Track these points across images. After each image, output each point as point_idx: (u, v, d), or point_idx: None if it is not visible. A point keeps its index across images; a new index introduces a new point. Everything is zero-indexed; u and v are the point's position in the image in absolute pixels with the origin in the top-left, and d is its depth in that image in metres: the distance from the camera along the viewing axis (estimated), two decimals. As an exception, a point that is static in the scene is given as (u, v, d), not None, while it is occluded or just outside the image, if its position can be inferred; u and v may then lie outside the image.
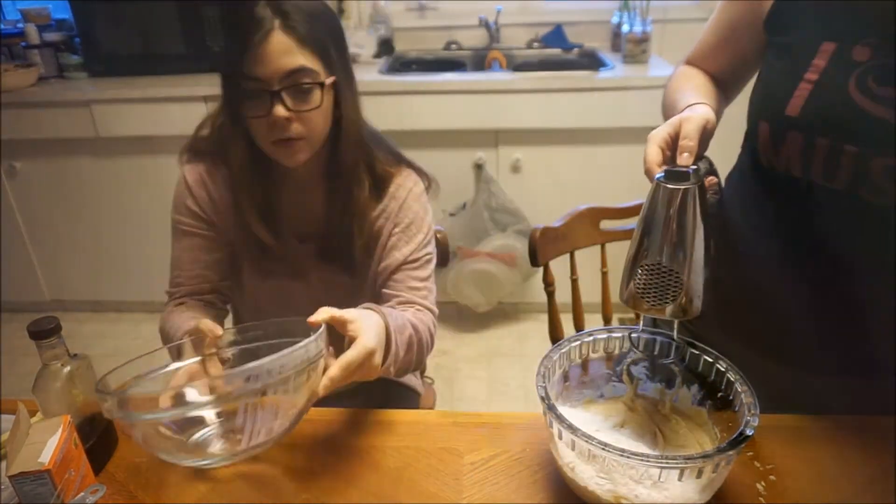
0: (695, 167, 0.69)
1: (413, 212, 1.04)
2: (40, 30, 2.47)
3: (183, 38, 2.32)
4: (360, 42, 2.48)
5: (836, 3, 0.73)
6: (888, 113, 0.69)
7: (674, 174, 0.67)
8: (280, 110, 0.89)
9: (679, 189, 0.66)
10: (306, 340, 0.68)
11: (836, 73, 0.72)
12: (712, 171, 0.75)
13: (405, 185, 1.04)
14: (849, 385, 0.82)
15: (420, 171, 1.09)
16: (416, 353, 0.94)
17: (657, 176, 0.68)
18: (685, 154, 0.69)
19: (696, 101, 0.78)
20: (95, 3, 2.32)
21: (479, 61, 2.58)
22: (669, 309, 0.69)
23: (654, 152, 0.71)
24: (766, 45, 0.83)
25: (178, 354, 0.85)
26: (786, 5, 0.78)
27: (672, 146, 0.72)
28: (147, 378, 0.79)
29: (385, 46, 2.57)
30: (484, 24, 2.57)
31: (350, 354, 0.74)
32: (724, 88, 0.91)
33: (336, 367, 0.72)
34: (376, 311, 0.85)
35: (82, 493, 0.70)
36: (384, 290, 1.02)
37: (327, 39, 0.93)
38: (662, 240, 0.67)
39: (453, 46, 2.65)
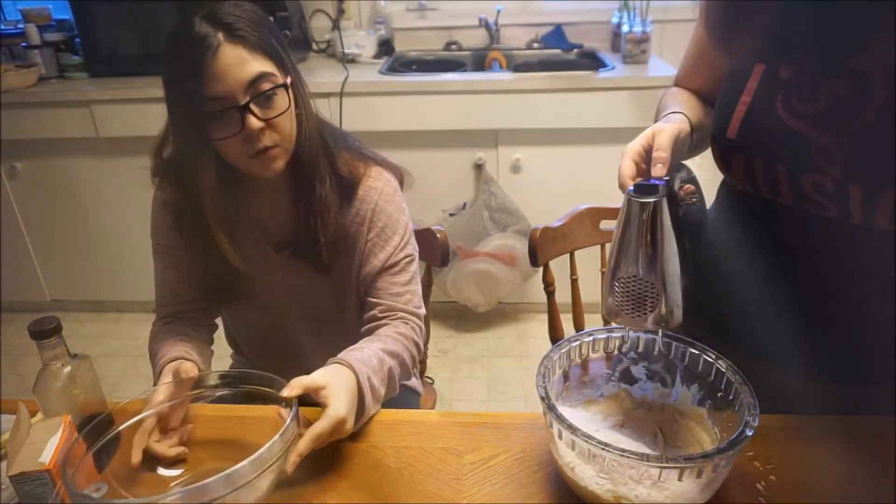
0: (666, 178, 0.70)
1: (386, 214, 1.01)
2: (41, 30, 2.47)
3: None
4: (360, 42, 2.48)
5: (765, 26, 0.73)
6: (808, 130, 0.70)
7: (644, 187, 0.68)
8: (253, 122, 0.86)
9: (648, 202, 0.67)
10: (278, 434, 0.67)
11: (766, 94, 0.73)
12: (690, 178, 0.76)
13: (375, 187, 1.01)
14: (827, 388, 0.82)
15: (390, 167, 1.06)
16: (400, 377, 0.95)
17: (628, 189, 0.69)
18: (658, 165, 0.70)
19: (672, 111, 0.80)
20: (96, 4, 2.32)
21: (479, 61, 2.58)
22: (650, 319, 0.70)
23: (627, 166, 0.71)
24: None
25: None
26: (727, 29, 0.80)
27: (646, 158, 0.72)
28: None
29: (385, 47, 2.57)
30: (484, 24, 2.57)
31: (320, 425, 0.74)
32: (712, 103, 0.91)
33: (306, 440, 0.72)
34: (346, 365, 0.84)
35: (85, 491, 0.70)
36: (367, 299, 1.01)
37: (272, 40, 0.90)
38: (636, 252, 0.68)
39: (453, 47, 2.65)
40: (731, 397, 0.72)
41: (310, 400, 0.90)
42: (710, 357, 0.76)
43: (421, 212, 2.28)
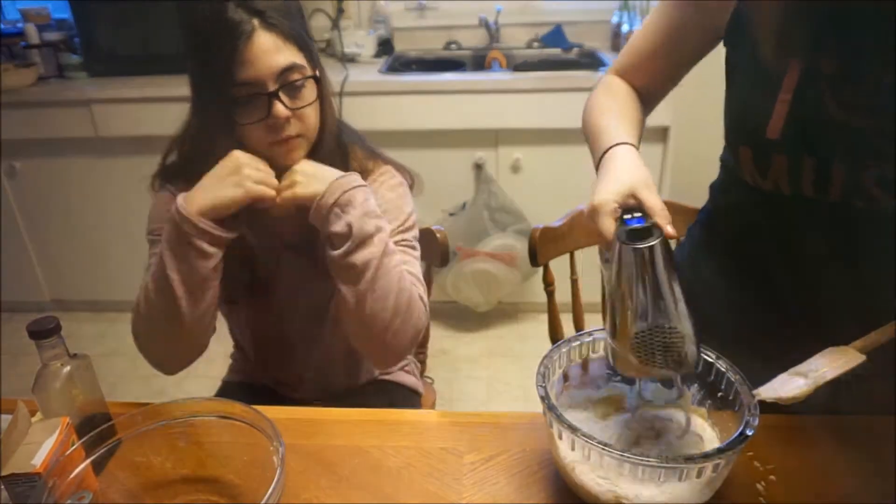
0: (638, 214, 0.68)
1: (387, 200, 0.99)
2: (40, 29, 2.47)
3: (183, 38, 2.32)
4: (360, 42, 2.48)
5: (798, 16, 0.69)
6: (866, 121, 0.68)
7: (636, 232, 0.65)
8: (280, 110, 0.87)
9: (652, 244, 0.63)
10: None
11: (810, 89, 0.70)
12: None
13: (379, 179, 1.01)
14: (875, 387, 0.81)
15: (400, 168, 1.06)
16: (404, 303, 0.90)
17: (622, 240, 0.65)
18: (668, 227, 0.66)
19: (622, 141, 0.76)
20: (95, 3, 2.32)
21: (479, 61, 2.57)
22: (683, 364, 0.67)
23: (609, 225, 0.68)
24: (709, 49, 0.83)
25: None
26: (746, 16, 0.75)
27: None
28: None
29: (385, 46, 2.57)
30: (484, 24, 2.57)
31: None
32: (648, 102, 0.90)
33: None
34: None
35: (69, 500, 0.69)
36: None
37: (304, 32, 0.91)
38: (654, 301, 0.64)
39: (453, 46, 2.65)
40: (731, 397, 0.72)
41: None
42: (711, 357, 0.75)
43: (421, 212, 2.27)
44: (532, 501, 0.74)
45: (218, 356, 1.08)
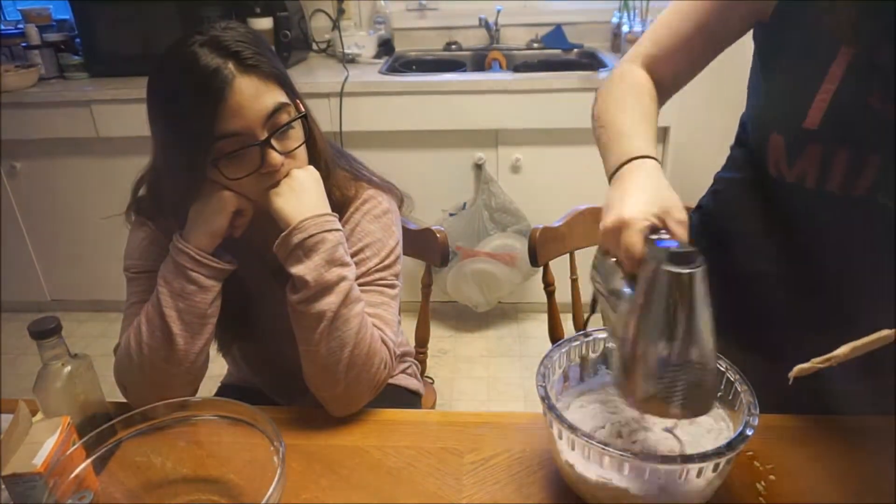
0: (682, 243, 0.61)
1: (369, 233, 0.94)
2: (41, 30, 2.47)
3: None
4: (361, 42, 2.48)
5: (850, 4, 0.66)
6: None
7: (679, 256, 0.57)
8: (275, 158, 0.82)
9: (696, 271, 0.57)
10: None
11: (856, 81, 0.67)
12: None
13: (361, 209, 0.95)
14: (872, 388, 0.80)
15: (387, 188, 1.00)
16: (361, 355, 0.85)
17: (661, 261, 0.57)
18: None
19: (649, 154, 0.71)
20: (96, 4, 2.32)
21: (479, 61, 2.58)
22: (704, 407, 0.62)
23: (639, 242, 0.62)
24: (727, 46, 0.81)
25: None
26: (793, 5, 0.73)
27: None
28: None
29: (385, 47, 2.57)
30: (484, 24, 2.57)
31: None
32: (665, 96, 0.86)
33: None
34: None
35: (70, 500, 0.69)
36: None
37: (278, 63, 0.85)
38: (683, 333, 0.58)
39: (453, 47, 2.65)
40: (730, 397, 0.72)
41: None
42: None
43: (421, 212, 2.27)
44: (532, 501, 0.74)
45: (218, 356, 1.08)
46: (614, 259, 0.66)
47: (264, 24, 2.32)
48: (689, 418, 0.65)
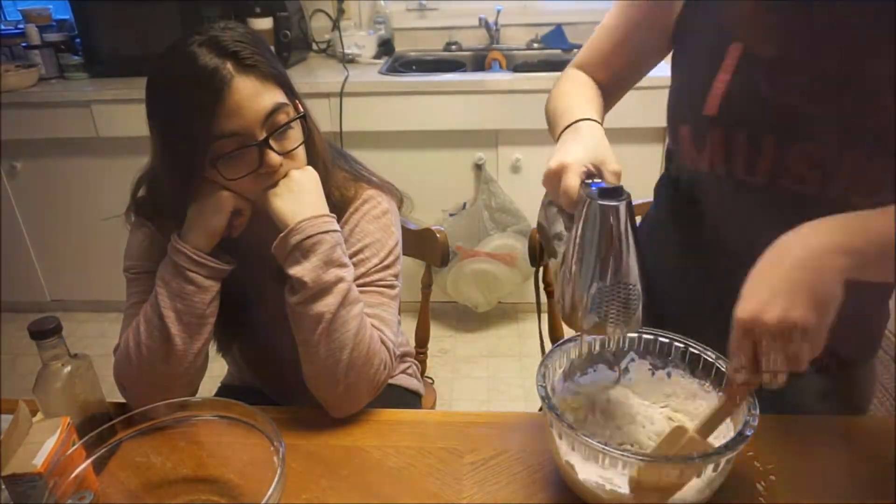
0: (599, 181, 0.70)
1: (368, 233, 0.94)
2: (41, 30, 2.47)
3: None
4: (361, 43, 2.48)
5: (740, 5, 0.74)
6: (796, 101, 0.71)
7: (607, 191, 0.67)
8: (274, 158, 0.82)
9: (622, 203, 0.65)
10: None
11: (746, 70, 0.73)
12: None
13: (361, 209, 0.95)
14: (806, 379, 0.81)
15: (386, 189, 1.00)
16: (360, 356, 0.85)
17: (592, 197, 0.66)
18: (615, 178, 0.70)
19: (589, 117, 0.78)
20: (96, 4, 2.32)
21: (479, 61, 2.58)
22: (634, 321, 0.68)
23: (576, 183, 0.69)
24: (668, 48, 0.86)
25: None
26: (694, 7, 0.79)
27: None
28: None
29: (385, 47, 2.57)
30: (484, 24, 2.57)
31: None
32: (609, 97, 0.91)
33: None
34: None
35: (70, 500, 0.69)
36: None
37: (277, 63, 0.85)
38: (617, 258, 0.66)
39: (453, 47, 2.65)
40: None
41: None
42: (710, 357, 0.76)
43: (421, 212, 2.28)
44: (532, 501, 0.74)
45: (218, 356, 1.08)
46: (556, 208, 0.74)
47: (264, 24, 2.32)
48: (621, 335, 0.71)
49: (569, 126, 0.79)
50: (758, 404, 0.67)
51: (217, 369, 1.23)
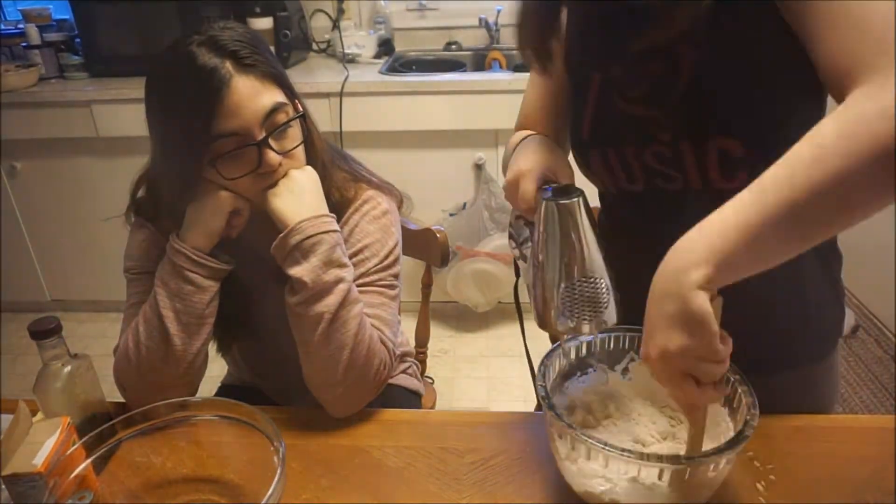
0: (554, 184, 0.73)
1: (368, 234, 0.93)
2: (41, 30, 2.47)
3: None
4: (361, 42, 2.48)
5: (592, 39, 0.81)
6: (641, 109, 0.75)
7: (559, 190, 0.70)
8: (273, 158, 0.82)
9: (575, 200, 0.68)
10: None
11: (606, 92, 0.79)
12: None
13: (360, 210, 0.95)
14: None
15: (386, 189, 1.00)
16: (360, 356, 0.85)
17: (547, 198, 0.70)
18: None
19: (537, 133, 0.86)
20: (96, 4, 2.32)
21: (479, 61, 2.58)
22: (606, 317, 0.69)
23: (532, 189, 0.74)
24: None
25: None
26: (568, 47, 0.85)
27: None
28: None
29: (385, 47, 2.57)
30: (484, 24, 2.57)
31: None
32: (563, 144, 0.94)
33: None
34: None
35: (70, 500, 0.69)
36: None
37: (276, 63, 0.85)
38: (580, 254, 0.67)
39: (453, 47, 2.65)
40: (730, 397, 0.72)
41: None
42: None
43: (421, 212, 2.28)
44: (532, 501, 0.74)
45: (218, 356, 1.08)
46: (523, 219, 0.78)
47: (264, 23, 2.32)
48: (595, 333, 0.73)
49: (519, 143, 0.85)
50: (757, 404, 0.68)
51: (217, 369, 1.23)
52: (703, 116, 0.72)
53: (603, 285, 0.68)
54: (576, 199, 0.68)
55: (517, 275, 0.87)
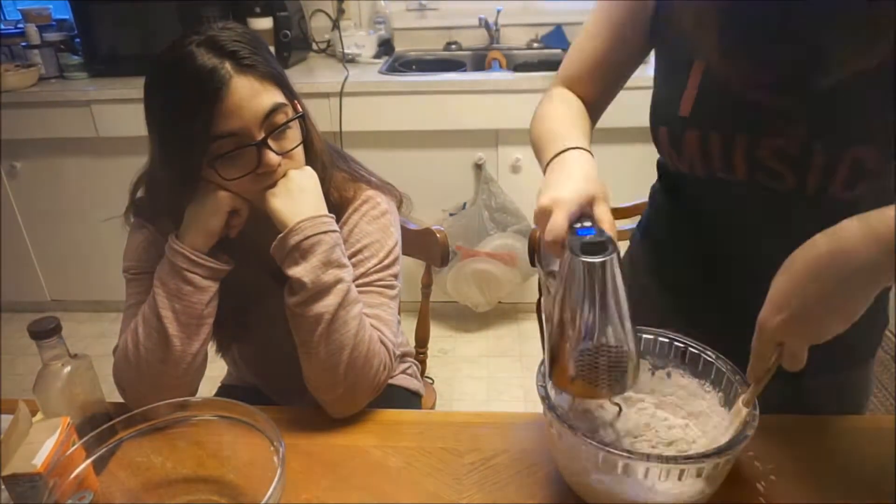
0: (598, 230, 0.64)
1: (367, 234, 0.93)
2: (41, 30, 2.47)
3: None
4: (361, 42, 2.48)
5: (706, 26, 0.73)
6: (769, 98, 0.71)
7: (591, 246, 0.61)
8: (272, 158, 0.82)
9: (607, 260, 0.60)
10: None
11: (715, 74, 0.74)
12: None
13: (360, 210, 0.95)
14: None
15: (386, 189, 1.00)
16: (360, 356, 0.85)
17: (574, 251, 0.62)
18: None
19: (579, 146, 0.76)
20: (96, 4, 2.32)
21: (479, 61, 2.58)
22: (625, 384, 0.66)
23: (564, 225, 0.65)
24: (648, 49, 0.86)
25: None
26: (665, 7, 0.79)
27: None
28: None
29: (385, 47, 2.57)
30: (484, 24, 2.57)
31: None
32: (594, 111, 0.91)
33: None
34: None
35: (70, 500, 0.69)
36: None
37: (276, 63, 0.85)
38: (597, 318, 0.61)
39: (453, 46, 2.65)
40: (731, 396, 0.72)
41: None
42: (710, 357, 0.75)
43: (421, 212, 2.28)
44: (532, 501, 0.74)
45: (218, 356, 1.08)
46: None
47: (264, 23, 2.32)
48: (611, 397, 0.69)
49: (557, 156, 0.76)
50: (758, 404, 0.68)
51: (217, 369, 1.23)
52: (850, 118, 0.67)
53: (622, 352, 0.63)
54: (608, 259, 0.60)
55: (540, 292, 0.84)
